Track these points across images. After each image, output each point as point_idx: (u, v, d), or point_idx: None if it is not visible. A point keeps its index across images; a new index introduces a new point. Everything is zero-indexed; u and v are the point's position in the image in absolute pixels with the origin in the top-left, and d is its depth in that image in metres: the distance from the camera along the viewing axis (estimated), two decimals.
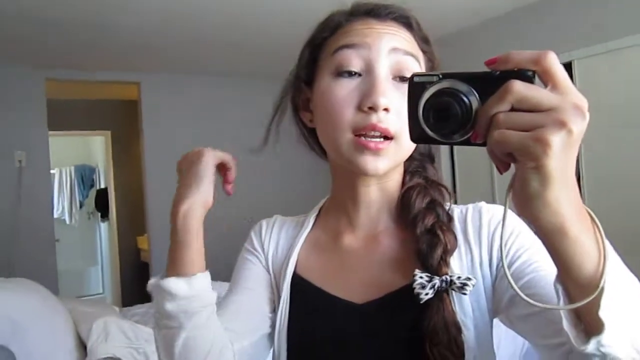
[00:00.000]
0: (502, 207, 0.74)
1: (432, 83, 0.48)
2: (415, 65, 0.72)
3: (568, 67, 3.10)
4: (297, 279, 0.80)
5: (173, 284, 0.70)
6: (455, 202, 0.80)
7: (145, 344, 2.01)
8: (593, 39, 3.04)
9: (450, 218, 0.75)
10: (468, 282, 0.66)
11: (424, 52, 0.76)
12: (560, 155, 0.42)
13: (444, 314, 0.66)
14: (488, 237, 0.72)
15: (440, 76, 0.48)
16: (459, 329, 0.66)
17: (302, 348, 0.76)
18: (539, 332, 0.61)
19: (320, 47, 0.76)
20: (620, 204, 2.94)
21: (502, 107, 0.44)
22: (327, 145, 0.75)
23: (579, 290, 0.47)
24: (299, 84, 0.79)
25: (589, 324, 0.48)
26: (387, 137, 0.69)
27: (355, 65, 0.70)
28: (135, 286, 5.87)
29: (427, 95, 0.49)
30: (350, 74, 0.71)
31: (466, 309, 0.69)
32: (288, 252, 0.83)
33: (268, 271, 0.84)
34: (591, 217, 0.49)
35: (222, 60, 4.37)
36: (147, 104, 4.65)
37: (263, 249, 0.85)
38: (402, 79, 0.71)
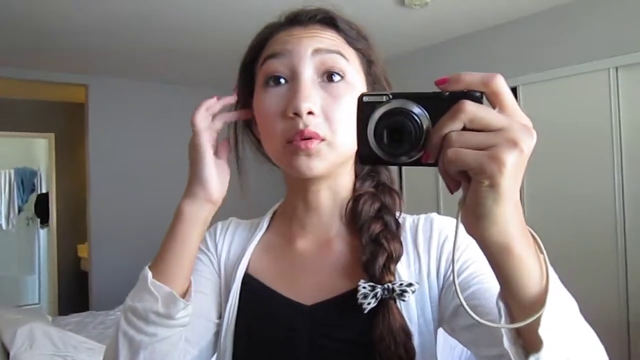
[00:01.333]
0: (452, 220, 0.73)
1: (381, 103, 0.48)
2: (342, 62, 0.71)
3: (513, 91, 3.26)
4: (248, 279, 0.79)
5: (175, 302, 0.68)
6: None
7: (74, 351, 1.93)
8: (538, 66, 3.25)
9: (398, 224, 0.76)
10: (407, 289, 0.67)
11: (357, 49, 0.75)
12: (513, 174, 0.42)
13: (389, 321, 0.67)
14: (437, 248, 0.73)
15: (391, 96, 0.48)
16: (407, 334, 0.67)
17: (248, 347, 0.75)
18: (481, 343, 0.63)
19: (254, 61, 0.77)
20: (557, 223, 3.11)
21: (454, 126, 0.44)
22: (269, 154, 0.75)
23: (521, 308, 0.48)
24: (245, 98, 0.79)
25: (528, 340, 0.49)
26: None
27: (280, 72, 0.71)
28: (73, 296, 5.64)
29: (377, 115, 0.48)
30: (277, 81, 0.71)
31: (412, 315, 0.70)
32: (240, 253, 0.83)
33: (219, 274, 0.83)
34: (534, 237, 0.50)
35: (174, 67, 4.33)
36: (95, 107, 4.54)
37: (216, 250, 0.85)
38: (329, 77, 0.70)
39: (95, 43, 3.60)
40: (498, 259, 0.47)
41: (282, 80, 0.71)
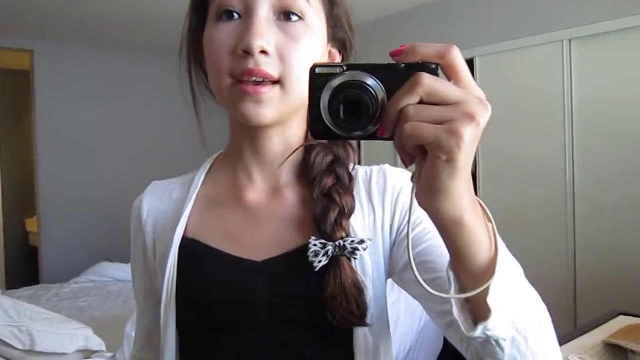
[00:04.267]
0: (405, 171, 0.73)
1: (335, 75, 0.46)
2: (302, 2, 0.67)
3: (470, 63, 3.34)
4: (187, 242, 0.74)
5: None
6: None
7: (29, 321, 1.87)
8: (494, 37, 3.30)
9: (351, 178, 0.74)
10: (359, 246, 0.67)
11: None
12: (469, 148, 0.42)
13: (341, 278, 0.66)
14: (391, 201, 0.72)
15: (345, 67, 0.46)
16: (359, 290, 0.66)
17: (195, 316, 0.72)
18: (430, 298, 0.63)
19: None
20: (510, 193, 3.22)
21: (411, 99, 0.43)
22: (214, 93, 0.71)
23: (471, 277, 0.49)
24: (197, 32, 0.74)
25: (476, 307, 0.51)
26: (270, 82, 0.65)
27: (234, 6, 0.66)
28: (21, 271, 5.45)
29: (331, 87, 0.46)
30: (229, 15, 0.66)
31: (366, 269, 0.69)
32: (175, 216, 0.77)
33: (146, 251, 0.79)
34: (483, 208, 0.50)
35: (126, 32, 4.16)
36: (41, 74, 4.33)
37: (143, 232, 0.80)
38: (287, 15, 0.66)
39: (42, 3, 3.40)
40: (450, 231, 0.48)
41: (235, 15, 0.66)
